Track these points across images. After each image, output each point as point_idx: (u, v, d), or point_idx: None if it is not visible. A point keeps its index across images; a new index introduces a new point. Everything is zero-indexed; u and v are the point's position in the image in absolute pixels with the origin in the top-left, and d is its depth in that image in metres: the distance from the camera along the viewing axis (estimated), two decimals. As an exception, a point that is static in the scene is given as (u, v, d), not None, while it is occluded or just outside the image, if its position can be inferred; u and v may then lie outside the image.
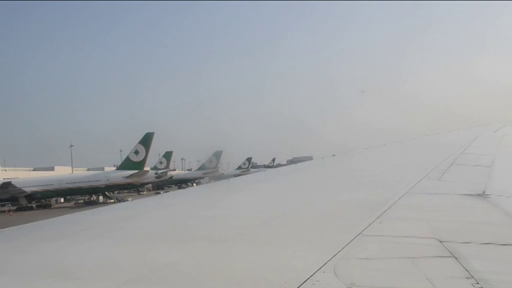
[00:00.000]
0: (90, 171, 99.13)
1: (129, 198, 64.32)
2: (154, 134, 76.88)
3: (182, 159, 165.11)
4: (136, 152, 75.39)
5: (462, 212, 5.01)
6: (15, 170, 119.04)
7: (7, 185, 68.22)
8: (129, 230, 4.70)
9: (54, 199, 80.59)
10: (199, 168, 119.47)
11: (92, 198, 80.00)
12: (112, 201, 72.92)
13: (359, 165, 11.08)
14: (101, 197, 79.27)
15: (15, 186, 68.99)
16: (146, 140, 75.69)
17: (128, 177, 74.22)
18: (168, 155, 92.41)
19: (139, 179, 76.78)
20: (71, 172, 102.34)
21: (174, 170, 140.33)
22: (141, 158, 75.08)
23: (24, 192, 70.78)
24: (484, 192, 5.79)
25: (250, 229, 4.31)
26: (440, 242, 3.60)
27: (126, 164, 75.69)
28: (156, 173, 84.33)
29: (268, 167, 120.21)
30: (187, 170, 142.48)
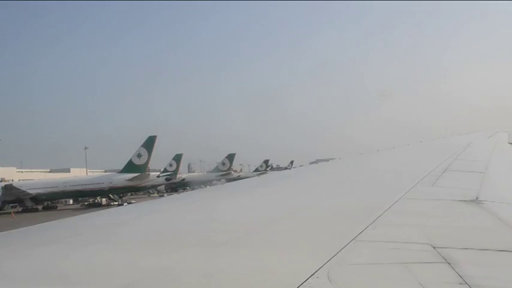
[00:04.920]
0: (95, 173, 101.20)
1: (132, 201, 64.53)
2: (157, 138, 78.74)
3: (200, 161, 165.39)
4: (139, 155, 76.37)
5: (455, 218, 5.02)
6: (31, 171, 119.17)
7: (10, 187, 69.34)
8: (123, 234, 4.68)
9: (63, 200, 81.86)
10: (213, 171, 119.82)
11: (96, 201, 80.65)
12: (116, 203, 74.10)
13: (353, 170, 11.11)
14: (103, 199, 79.65)
15: (18, 189, 70.01)
16: (149, 143, 76.82)
17: (129, 180, 75.21)
18: (177, 158, 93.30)
19: (141, 181, 78.00)
20: (86, 174, 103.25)
21: (194, 172, 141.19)
22: (144, 161, 76.25)
23: (28, 194, 72.02)
24: (477, 198, 5.81)
25: (244, 234, 4.30)
26: (434, 247, 3.60)
27: (129, 167, 76.63)
28: (158, 176, 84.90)
29: (286, 169, 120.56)
30: (208, 171, 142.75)
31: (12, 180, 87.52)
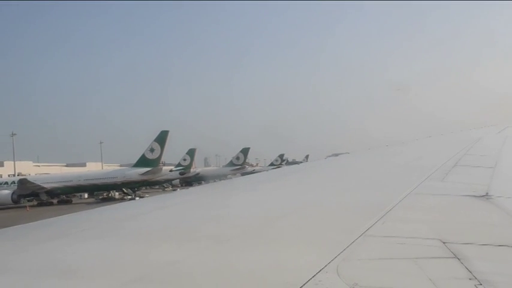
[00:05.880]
0: (110, 168, 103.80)
1: (146, 195, 65.36)
2: (169, 132, 79.64)
3: (216, 155, 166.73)
4: (152, 150, 77.55)
5: (465, 213, 5.00)
6: (48, 166, 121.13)
7: (25, 181, 71.20)
8: (131, 229, 4.71)
9: (78, 194, 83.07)
10: (227, 165, 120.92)
11: (110, 195, 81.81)
12: (130, 197, 75.01)
13: (363, 165, 11.07)
14: (117, 194, 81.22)
15: (33, 183, 71.78)
16: (161, 138, 77.94)
17: (143, 174, 76.36)
18: (191, 152, 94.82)
19: (154, 176, 79.25)
20: (101, 168, 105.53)
21: (210, 166, 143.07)
22: (156, 156, 77.41)
23: (43, 188, 73.42)
24: (487, 193, 5.77)
25: (253, 229, 4.32)
26: (443, 243, 3.59)
27: (142, 161, 77.99)
28: (171, 170, 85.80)
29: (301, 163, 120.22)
30: (223, 166, 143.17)
31: (29, 174, 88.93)
